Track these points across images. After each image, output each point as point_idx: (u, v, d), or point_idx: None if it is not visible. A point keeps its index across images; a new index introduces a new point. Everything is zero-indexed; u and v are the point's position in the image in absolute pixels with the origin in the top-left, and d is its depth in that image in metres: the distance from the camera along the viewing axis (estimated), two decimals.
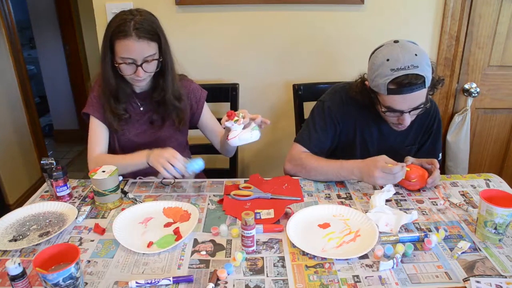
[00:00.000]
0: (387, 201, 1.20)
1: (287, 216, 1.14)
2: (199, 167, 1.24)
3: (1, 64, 2.61)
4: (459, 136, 2.02)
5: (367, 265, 0.95)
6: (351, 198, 1.25)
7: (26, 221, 1.15)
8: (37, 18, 3.52)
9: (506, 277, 0.90)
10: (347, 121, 1.43)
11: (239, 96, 1.83)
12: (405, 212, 1.14)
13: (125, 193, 1.29)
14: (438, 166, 1.29)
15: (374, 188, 1.30)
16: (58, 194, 1.24)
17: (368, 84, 1.30)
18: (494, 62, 1.96)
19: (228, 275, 0.93)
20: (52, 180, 1.23)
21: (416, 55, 1.18)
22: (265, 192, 1.27)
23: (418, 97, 1.21)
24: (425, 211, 1.18)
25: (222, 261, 0.98)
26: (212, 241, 1.06)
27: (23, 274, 0.85)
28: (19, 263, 0.84)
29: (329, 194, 1.28)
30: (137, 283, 0.89)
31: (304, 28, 1.91)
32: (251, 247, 1.00)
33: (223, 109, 1.94)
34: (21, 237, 1.07)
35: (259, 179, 1.37)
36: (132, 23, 1.24)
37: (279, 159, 1.96)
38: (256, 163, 2.20)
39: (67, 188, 1.25)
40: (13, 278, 0.84)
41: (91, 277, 0.93)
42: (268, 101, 2.06)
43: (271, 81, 2.02)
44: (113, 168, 1.21)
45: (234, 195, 1.26)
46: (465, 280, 0.90)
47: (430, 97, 1.32)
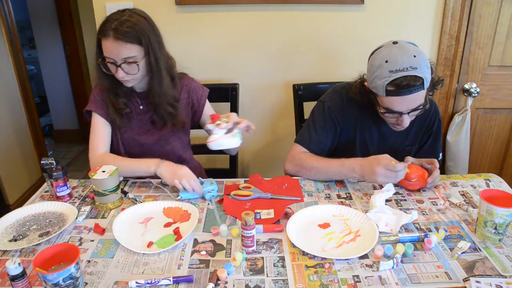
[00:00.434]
0: (387, 201, 1.20)
1: (287, 216, 1.14)
2: (211, 193, 1.26)
3: (1, 64, 2.61)
4: (459, 136, 2.02)
5: (367, 265, 0.95)
6: (351, 198, 1.25)
7: (26, 221, 1.15)
8: (37, 18, 3.52)
9: (506, 277, 0.90)
10: (347, 122, 1.43)
11: (239, 96, 1.83)
12: (405, 212, 1.14)
13: (125, 193, 1.29)
14: (438, 166, 1.29)
15: (374, 188, 1.30)
16: (58, 194, 1.24)
17: (367, 85, 1.30)
18: (494, 62, 1.96)
19: (228, 275, 0.93)
20: (52, 180, 1.23)
21: (414, 56, 1.18)
22: (265, 192, 1.27)
23: (416, 98, 1.21)
24: (425, 211, 1.18)
25: (222, 261, 0.98)
26: (212, 241, 1.06)
27: (23, 274, 0.85)
28: (19, 263, 0.84)
29: (329, 194, 1.28)
30: (137, 283, 0.89)
31: (304, 28, 1.91)
32: (251, 247, 1.00)
33: (223, 109, 1.94)
34: (21, 237, 1.07)
35: (259, 179, 1.37)
36: (115, 23, 1.22)
37: (279, 159, 1.96)
38: (256, 163, 2.20)
39: (67, 188, 1.25)
40: (13, 278, 0.84)
41: (91, 277, 0.93)
42: (268, 101, 2.06)
43: (271, 81, 2.02)
44: (113, 168, 1.21)
45: (234, 195, 1.26)
46: (465, 280, 0.90)
47: (430, 97, 1.32)
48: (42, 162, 1.28)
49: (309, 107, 1.55)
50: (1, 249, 1.02)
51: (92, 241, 1.06)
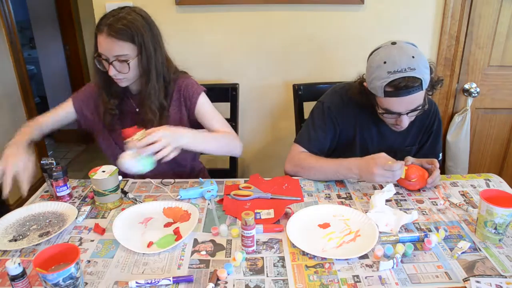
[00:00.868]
0: (387, 201, 1.20)
1: (287, 216, 1.14)
2: (211, 193, 1.25)
3: (1, 64, 2.61)
4: (459, 136, 2.02)
5: (367, 265, 0.95)
6: (351, 198, 1.25)
7: (26, 221, 1.15)
8: (37, 18, 3.52)
9: (506, 277, 0.90)
10: (346, 122, 1.43)
11: (239, 96, 1.83)
12: (405, 212, 1.14)
13: (125, 193, 1.28)
14: (438, 166, 1.29)
15: (374, 188, 1.30)
16: (58, 194, 1.24)
17: (366, 85, 1.30)
18: (494, 62, 1.96)
19: (228, 275, 0.93)
20: (52, 180, 1.23)
21: (413, 57, 1.18)
22: (265, 192, 1.27)
23: (415, 99, 1.21)
24: (425, 211, 1.18)
25: (222, 261, 0.98)
26: (212, 241, 1.06)
27: (23, 274, 0.85)
28: (19, 263, 0.84)
29: (329, 194, 1.28)
30: (137, 283, 0.89)
31: (304, 28, 1.91)
32: (251, 247, 1.00)
33: (223, 109, 1.94)
34: (21, 237, 1.07)
35: (259, 179, 1.37)
36: (111, 19, 1.22)
37: (279, 159, 1.95)
38: (256, 163, 2.20)
39: (67, 188, 1.25)
40: (13, 278, 0.84)
41: (91, 277, 0.93)
42: (268, 101, 2.06)
43: (271, 81, 2.02)
44: (113, 168, 1.21)
45: (234, 195, 1.26)
46: (465, 280, 0.90)
47: (430, 97, 1.32)
48: (42, 162, 1.28)
49: (309, 107, 1.55)
50: (1, 249, 1.02)
51: (92, 241, 1.06)
